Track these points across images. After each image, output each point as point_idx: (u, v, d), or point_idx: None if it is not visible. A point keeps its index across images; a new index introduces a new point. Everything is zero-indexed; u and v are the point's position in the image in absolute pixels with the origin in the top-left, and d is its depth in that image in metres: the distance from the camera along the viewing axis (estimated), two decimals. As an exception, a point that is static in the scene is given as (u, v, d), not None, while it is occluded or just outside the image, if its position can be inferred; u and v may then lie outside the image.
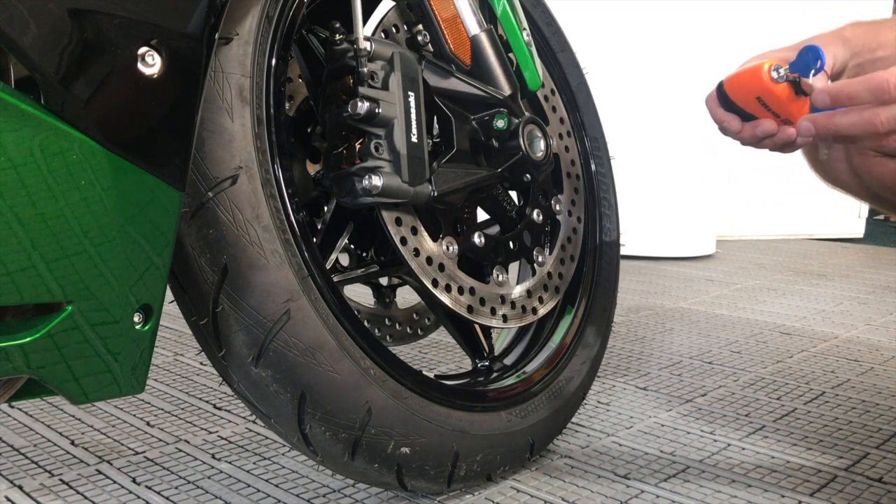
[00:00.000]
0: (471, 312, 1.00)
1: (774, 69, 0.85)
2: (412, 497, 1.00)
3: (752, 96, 0.88)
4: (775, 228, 3.56)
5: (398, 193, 0.89)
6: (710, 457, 1.14)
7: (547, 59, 1.23)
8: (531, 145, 1.03)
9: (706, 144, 2.83)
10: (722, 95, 0.91)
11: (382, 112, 0.88)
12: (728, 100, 0.90)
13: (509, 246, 1.08)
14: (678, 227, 2.93)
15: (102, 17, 0.63)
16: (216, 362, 0.85)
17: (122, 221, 0.66)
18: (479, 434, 0.98)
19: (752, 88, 0.87)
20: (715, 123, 0.93)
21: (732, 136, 0.92)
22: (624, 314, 2.03)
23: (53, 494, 1.00)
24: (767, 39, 3.26)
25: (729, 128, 0.91)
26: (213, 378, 1.44)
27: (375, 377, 0.88)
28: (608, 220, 1.26)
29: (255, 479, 1.05)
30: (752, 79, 0.87)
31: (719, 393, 1.42)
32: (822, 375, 1.53)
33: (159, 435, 1.19)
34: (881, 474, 1.09)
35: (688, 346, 1.74)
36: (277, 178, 0.83)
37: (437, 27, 0.98)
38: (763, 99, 0.87)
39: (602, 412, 1.32)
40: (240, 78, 0.80)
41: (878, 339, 1.83)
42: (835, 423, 1.28)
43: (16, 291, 0.62)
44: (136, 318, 0.70)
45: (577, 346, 1.17)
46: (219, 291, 0.79)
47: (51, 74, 0.61)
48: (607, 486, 1.05)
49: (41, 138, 0.61)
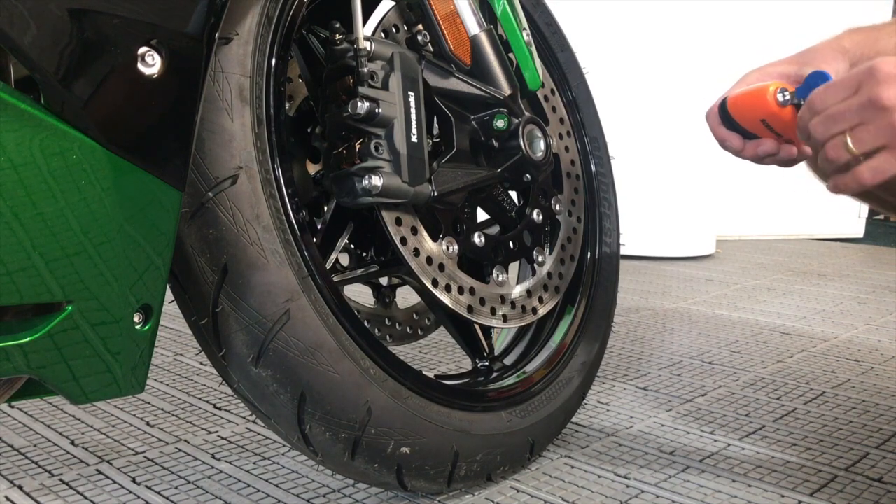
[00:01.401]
0: (471, 312, 1.00)
1: (780, 92, 0.84)
2: (412, 497, 1.00)
3: (756, 118, 0.87)
4: (775, 228, 3.56)
5: (398, 193, 0.89)
6: (710, 457, 1.14)
7: (547, 59, 1.23)
8: (531, 145, 1.03)
9: (706, 144, 2.83)
10: (724, 114, 0.90)
11: (382, 112, 0.88)
12: (730, 118, 0.90)
13: (509, 246, 1.08)
14: (678, 227, 2.93)
15: (102, 17, 0.63)
16: (216, 362, 0.85)
17: (122, 221, 0.66)
18: (479, 434, 0.98)
19: (756, 111, 0.87)
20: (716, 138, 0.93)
21: (733, 154, 0.93)
22: (624, 314, 2.03)
23: (53, 494, 1.00)
24: (767, 39, 3.25)
25: (731, 146, 0.92)
26: (213, 378, 1.44)
27: (375, 377, 0.88)
28: (608, 219, 1.26)
29: (255, 479, 1.05)
30: (757, 101, 0.86)
31: (719, 393, 1.42)
32: (822, 375, 1.53)
33: (159, 435, 1.19)
34: (881, 474, 1.09)
35: (688, 346, 1.74)
36: (277, 178, 0.83)
37: (437, 27, 0.98)
38: (767, 121, 0.87)
39: (602, 412, 1.32)
40: (240, 78, 0.80)
41: (878, 339, 1.83)
42: (835, 423, 1.28)
43: (16, 291, 0.62)
44: (136, 318, 0.70)
45: (577, 346, 1.17)
46: (219, 291, 0.79)
47: (51, 74, 0.61)
48: (607, 486, 1.05)
49: (41, 138, 0.61)
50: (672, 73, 2.78)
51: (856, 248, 3.40)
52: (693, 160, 2.87)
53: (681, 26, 2.78)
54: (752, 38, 3.07)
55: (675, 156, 2.86)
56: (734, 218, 3.39)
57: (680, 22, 2.78)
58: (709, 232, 3.01)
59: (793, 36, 3.11)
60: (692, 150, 2.85)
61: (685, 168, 2.87)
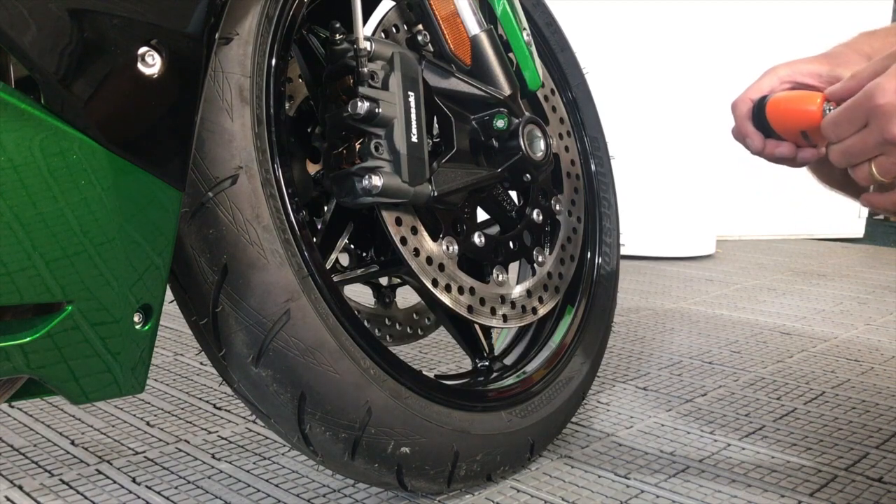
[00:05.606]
0: (471, 312, 1.00)
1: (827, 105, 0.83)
2: (412, 497, 1.00)
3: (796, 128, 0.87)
4: (775, 228, 3.56)
5: (398, 193, 0.89)
6: (710, 457, 1.14)
7: (547, 59, 1.23)
8: (531, 145, 1.03)
9: (706, 144, 2.83)
10: (759, 113, 0.90)
11: (382, 112, 0.88)
12: (763, 119, 0.89)
13: (509, 246, 1.08)
14: (678, 227, 2.93)
15: (102, 17, 0.63)
16: (216, 362, 0.85)
17: (122, 221, 0.66)
18: (479, 434, 0.98)
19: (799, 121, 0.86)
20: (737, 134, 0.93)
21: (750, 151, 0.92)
22: (624, 314, 2.03)
23: (53, 494, 1.00)
24: (767, 39, 3.25)
25: (752, 145, 0.91)
26: (213, 378, 1.44)
27: (375, 377, 0.88)
28: (608, 219, 1.26)
29: (255, 479, 1.05)
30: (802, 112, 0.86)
31: (719, 393, 1.42)
32: (822, 375, 1.53)
33: (159, 435, 1.19)
34: (881, 474, 1.09)
35: (688, 346, 1.74)
36: (277, 178, 0.83)
37: (437, 27, 0.98)
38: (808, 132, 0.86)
39: (602, 412, 1.32)
40: (240, 78, 0.80)
41: (878, 339, 1.83)
42: (835, 423, 1.28)
43: (16, 291, 0.62)
44: (136, 318, 0.70)
45: (577, 346, 1.17)
46: (219, 291, 0.79)
47: (51, 74, 0.61)
48: (607, 486, 1.05)
49: (41, 138, 0.61)
50: (672, 73, 2.78)
51: (856, 248, 3.40)
52: (693, 160, 2.87)
53: (681, 26, 2.78)
54: (752, 38, 3.07)
55: (674, 156, 2.86)
56: (734, 218, 3.39)
57: (680, 22, 2.78)
58: (709, 232, 3.01)
59: (793, 36, 3.12)
60: (692, 150, 2.85)
61: (685, 168, 2.87)
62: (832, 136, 0.79)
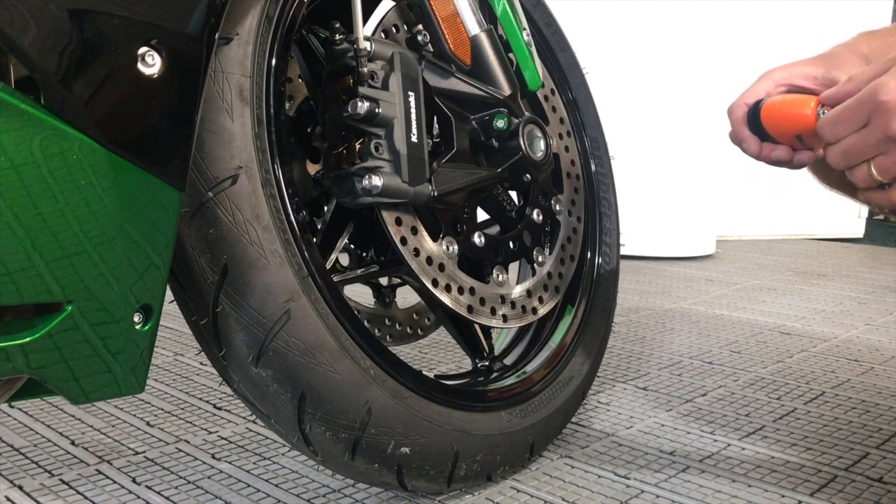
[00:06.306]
0: (471, 312, 1.00)
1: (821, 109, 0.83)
2: (412, 497, 1.00)
3: (791, 132, 0.87)
4: (775, 228, 3.56)
5: (398, 193, 0.89)
6: (711, 457, 1.14)
7: (547, 59, 1.23)
8: (531, 145, 1.03)
9: (706, 144, 2.83)
10: (754, 117, 0.90)
11: (382, 112, 0.88)
12: (758, 124, 0.89)
13: (509, 246, 1.08)
14: (678, 227, 2.93)
15: (102, 17, 0.63)
16: (216, 362, 0.85)
17: (122, 221, 0.66)
18: (479, 434, 0.98)
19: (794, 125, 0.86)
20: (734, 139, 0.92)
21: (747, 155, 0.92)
22: (624, 314, 2.03)
23: (53, 494, 1.00)
24: (767, 39, 3.25)
25: (749, 149, 0.91)
26: (213, 378, 1.44)
27: (375, 377, 0.88)
28: (608, 219, 1.26)
29: (255, 479, 1.05)
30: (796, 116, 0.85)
31: (719, 393, 1.42)
32: (822, 375, 1.53)
33: (159, 435, 1.19)
34: (881, 474, 1.09)
35: (688, 346, 1.74)
36: (277, 178, 0.83)
37: (437, 27, 0.98)
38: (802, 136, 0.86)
39: (602, 412, 1.32)
40: (240, 78, 0.80)
41: (878, 339, 1.83)
42: (835, 423, 1.28)
43: (16, 291, 0.62)
44: (136, 318, 0.70)
45: (577, 346, 1.17)
46: (219, 291, 0.79)
47: (51, 74, 0.61)
48: (607, 486, 1.05)
49: (41, 138, 0.61)
50: (672, 73, 2.78)
51: (856, 248, 3.40)
52: (693, 160, 2.87)
53: (681, 26, 2.78)
54: (752, 38, 3.07)
55: (674, 156, 2.86)
56: (734, 218, 3.39)
57: (680, 22, 2.78)
58: (709, 232, 3.01)
59: (793, 36, 3.12)
60: (692, 150, 2.85)
61: (685, 168, 2.87)
62: (829, 137, 0.79)
